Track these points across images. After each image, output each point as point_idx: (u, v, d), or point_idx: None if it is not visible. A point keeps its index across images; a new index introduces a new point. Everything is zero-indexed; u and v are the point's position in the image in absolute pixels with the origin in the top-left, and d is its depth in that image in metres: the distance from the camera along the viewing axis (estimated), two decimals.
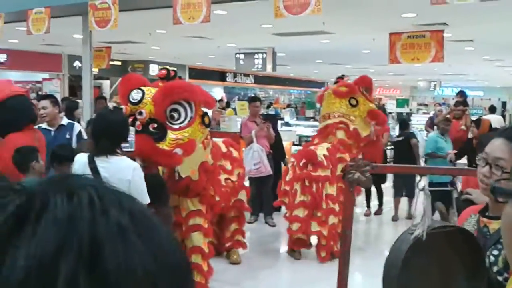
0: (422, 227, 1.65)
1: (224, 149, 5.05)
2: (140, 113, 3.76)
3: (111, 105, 9.50)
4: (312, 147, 5.88)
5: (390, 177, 7.88)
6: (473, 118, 8.71)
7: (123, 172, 3.02)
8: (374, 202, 8.04)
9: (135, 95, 3.87)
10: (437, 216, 2.06)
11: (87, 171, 3.06)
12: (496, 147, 1.66)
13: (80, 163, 3.14)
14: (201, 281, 4.37)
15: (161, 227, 0.47)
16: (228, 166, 4.99)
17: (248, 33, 10.09)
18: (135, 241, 0.42)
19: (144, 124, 3.77)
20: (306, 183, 5.56)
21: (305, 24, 8.31)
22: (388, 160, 9.49)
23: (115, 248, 0.41)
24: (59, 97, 12.97)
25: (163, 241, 0.46)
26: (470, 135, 7.28)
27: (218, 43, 11.98)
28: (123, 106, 3.87)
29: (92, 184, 0.45)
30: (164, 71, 4.10)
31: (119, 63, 17.22)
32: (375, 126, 6.22)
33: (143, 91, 3.88)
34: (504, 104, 25.93)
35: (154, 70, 17.67)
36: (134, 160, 3.42)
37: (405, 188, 7.59)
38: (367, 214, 7.97)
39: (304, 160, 5.63)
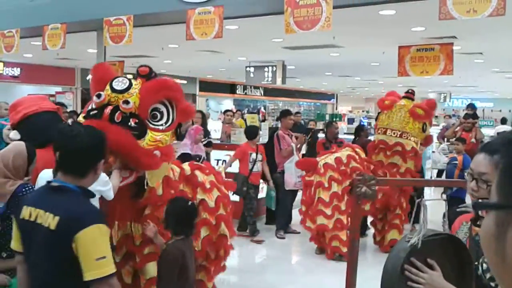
0: (418, 235, 1.73)
1: (187, 172, 4.00)
2: (127, 102, 3.22)
3: None
4: (323, 157, 6.29)
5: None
6: (483, 130, 8.69)
7: None
8: None
9: (121, 83, 3.35)
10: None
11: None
12: (478, 162, 1.70)
13: (44, 179, 2.80)
14: None
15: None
16: (189, 194, 3.94)
17: (259, 47, 10.22)
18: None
19: (123, 117, 3.23)
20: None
21: (316, 38, 8.43)
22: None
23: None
24: (71, 109, 13.27)
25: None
26: None
27: (229, 56, 12.14)
28: (101, 92, 3.30)
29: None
30: (147, 69, 3.56)
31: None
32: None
33: (129, 80, 3.40)
34: None
35: None
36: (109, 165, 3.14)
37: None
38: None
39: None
